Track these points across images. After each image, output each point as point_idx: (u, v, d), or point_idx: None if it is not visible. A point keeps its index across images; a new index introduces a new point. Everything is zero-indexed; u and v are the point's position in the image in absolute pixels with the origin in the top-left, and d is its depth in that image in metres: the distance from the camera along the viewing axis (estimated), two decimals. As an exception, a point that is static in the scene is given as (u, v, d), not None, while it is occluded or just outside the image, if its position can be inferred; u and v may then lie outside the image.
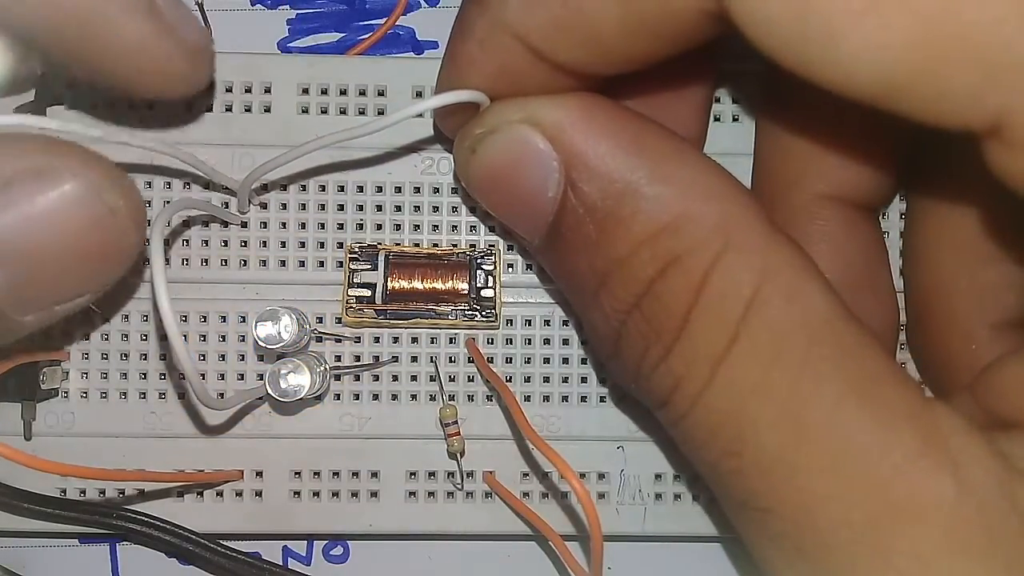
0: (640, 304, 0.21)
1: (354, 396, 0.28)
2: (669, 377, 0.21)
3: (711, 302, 0.20)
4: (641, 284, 0.21)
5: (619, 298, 0.22)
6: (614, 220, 0.21)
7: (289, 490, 0.28)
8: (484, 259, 0.28)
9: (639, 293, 0.21)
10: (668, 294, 0.21)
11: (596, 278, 0.22)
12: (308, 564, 0.31)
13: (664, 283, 0.21)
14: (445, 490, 0.28)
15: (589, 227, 0.22)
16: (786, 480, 0.20)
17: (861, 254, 0.26)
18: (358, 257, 0.28)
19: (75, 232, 0.20)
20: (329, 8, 0.33)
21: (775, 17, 0.18)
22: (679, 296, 0.21)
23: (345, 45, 0.33)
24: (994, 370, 0.23)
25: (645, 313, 0.21)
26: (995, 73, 0.17)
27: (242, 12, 0.33)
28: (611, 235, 0.21)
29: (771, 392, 0.20)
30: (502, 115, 0.22)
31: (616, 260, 0.21)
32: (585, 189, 0.22)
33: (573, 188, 0.22)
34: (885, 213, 0.29)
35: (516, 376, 0.28)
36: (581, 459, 0.28)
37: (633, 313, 0.21)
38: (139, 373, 0.28)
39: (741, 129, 0.29)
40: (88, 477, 0.26)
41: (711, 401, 0.21)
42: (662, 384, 0.22)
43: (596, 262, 0.22)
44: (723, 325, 0.20)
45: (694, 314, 0.20)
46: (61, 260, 0.21)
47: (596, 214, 0.21)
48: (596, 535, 0.21)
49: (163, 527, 0.28)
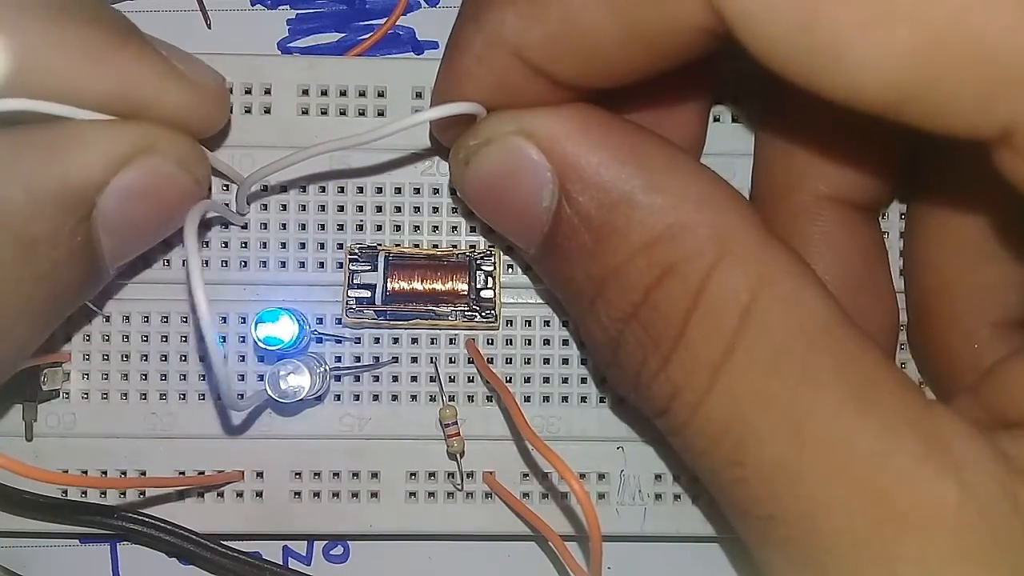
0: (637, 313, 0.21)
1: (354, 397, 0.28)
2: (668, 386, 0.21)
3: (708, 310, 0.20)
4: (638, 293, 0.21)
5: (616, 307, 0.22)
6: (609, 229, 0.21)
7: (289, 491, 0.28)
8: (484, 260, 0.28)
9: (636, 302, 0.21)
10: (665, 303, 0.21)
11: (592, 287, 0.22)
12: (308, 564, 0.31)
13: (661, 292, 0.21)
14: (445, 490, 0.28)
15: (584, 237, 0.22)
16: (788, 488, 0.20)
17: (861, 255, 0.26)
18: (358, 258, 0.28)
19: (170, 202, 0.23)
20: (329, 8, 0.33)
21: (780, 31, 0.18)
22: (676, 305, 0.21)
23: (345, 45, 0.33)
24: (997, 370, 0.23)
25: (642, 322, 0.21)
26: (1005, 81, 0.17)
27: (242, 12, 0.33)
28: (606, 244, 0.21)
29: (771, 400, 0.20)
30: (496, 127, 0.22)
31: (612, 269, 0.21)
32: (580, 199, 0.22)
33: (567, 198, 0.22)
34: (885, 213, 0.29)
35: (516, 377, 0.28)
36: (581, 460, 0.28)
37: (630, 322, 0.21)
38: (140, 374, 0.28)
39: (741, 129, 0.29)
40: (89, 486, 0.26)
41: (711, 410, 0.20)
42: (661, 393, 0.21)
43: (592, 271, 0.22)
44: (721, 333, 0.20)
45: (692, 323, 0.20)
46: (157, 226, 0.25)
47: (591, 224, 0.21)
48: (595, 536, 0.21)
49: (163, 527, 0.28)
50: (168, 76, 0.23)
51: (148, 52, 0.23)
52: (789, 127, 0.26)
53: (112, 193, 0.22)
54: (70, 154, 0.22)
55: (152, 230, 0.25)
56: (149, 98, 0.23)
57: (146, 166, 0.23)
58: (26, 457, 0.28)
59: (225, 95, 0.26)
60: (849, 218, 0.26)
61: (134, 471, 0.28)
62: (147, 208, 0.23)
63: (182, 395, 0.28)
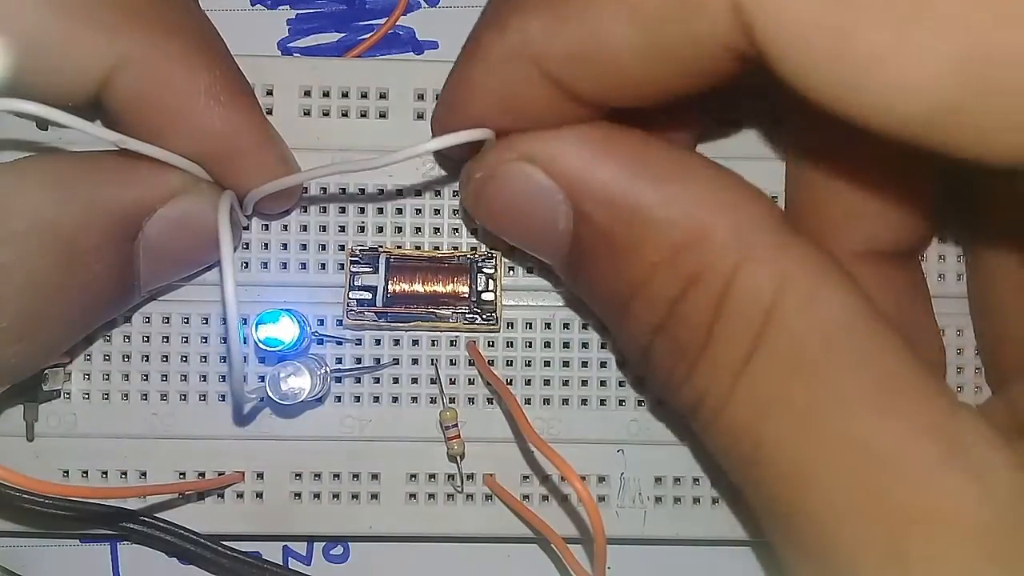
0: (665, 325, 0.21)
1: (355, 398, 0.28)
2: (694, 392, 0.21)
3: (732, 316, 0.20)
4: (663, 306, 0.21)
5: (643, 321, 0.22)
6: (627, 245, 0.21)
7: (290, 492, 0.28)
8: (485, 262, 0.28)
9: (663, 315, 0.21)
10: (690, 313, 0.21)
11: (619, 302, 0.22)
12: (308, 564, 0.31)
13: (685, 303, 0.21)
14: (445, 492, 0.28)
15: (605, 254, 0.22)
16: (805, 490, 0.20)
17: (901, 302, 0.26)
18: (359, 260, 0.28)
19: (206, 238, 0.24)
20: (329, 8, 0.33)
21: (811, 53, 0.17)
22: (701, 314, 0.21)
23: (345, 45, 0.33)
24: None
25: (670, 333, 0.21)
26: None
27: (242, 12, 0.33)
28: (628, 261, 0.21)
29: (789, 403, 0.20)
30: (499, 155, 0.22)
31: (637, 285, 0.21)
32: (593, 216, 0.21)
33: (582, 218, 0.22)
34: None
35: (516, 379, 0.28)
36: (581, 462, 0.28)
37: (659, 333, 0.21)
38: (141, 375, 0.28)
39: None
40: (90, 497, 0.26)
41: (733, 412, 0.21)
42: (688, 398, 0.22)
43: (618, 287, 0.22)
44: (743, 338, 0.20)
45: (716, 330, 0.20)
46: (191, 257, 0.27)
47: (610, 241, 0.21)
48: (599, 537, 0.22)
49: (163, 527, 0.28)
50: (269, 140, 0.25)
51: (260, 110, 0.26)
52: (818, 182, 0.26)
53: (158, 220, 0.24)
54: (128, 179, 0.24)
55: (186, 261, 0.27)
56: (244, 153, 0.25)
57: (191, 202, 0.24)
58: (27, 457, 0.28)
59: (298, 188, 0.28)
60: (886, 268, 0.26)
61: (135, 471, 0.28)
62: (186, 240, 0.25)
63: (183, 396, 0.28)
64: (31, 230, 0.22)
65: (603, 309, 0.24)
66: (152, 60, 0.23)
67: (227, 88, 0.24)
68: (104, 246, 0.23)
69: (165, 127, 0.24)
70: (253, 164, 0.24)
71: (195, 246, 0.26)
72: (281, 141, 0.26)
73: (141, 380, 0.28)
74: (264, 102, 0.28)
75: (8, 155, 0.26)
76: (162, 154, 0.24)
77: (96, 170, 0.24)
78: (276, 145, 0.26)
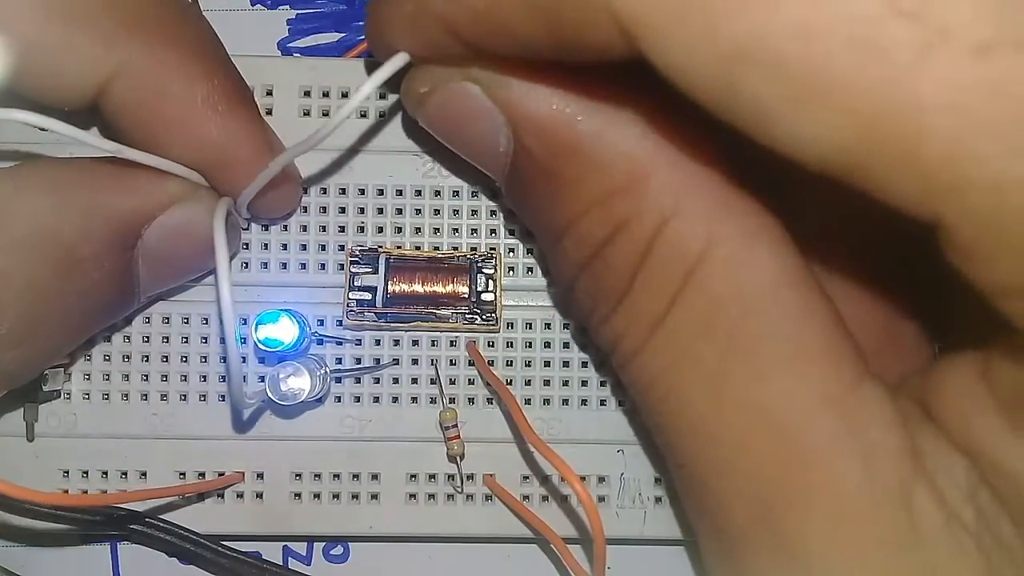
0: (590, 265, 0.21)
1: (355, 399, 0.28)
2: (612, 334, 0.22)
3: (654, 268, 0.20)
4: (591, 247, 0.21)
5: (572, 257, 0.22)
6: (564, 181, 0.21)
7: (290, 492, 0.28)
8: (485, 263, 0.28)
9: (589, 256, 0.21)
10: (616, 258, 0.21)
11: (552, 233, 0.22)
12: (308, 564, 0.31)
13: (612, 248, 0.21)
14: (445, 492, 0.28)
15: (542, 184, 0.22)
16: (700, 448, 0.20)
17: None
18: (359, 260, 0.28)
19: (205, 245, 0.24)
20: (329, 8, 0.33)
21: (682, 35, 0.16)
22: (625, 261, 0.21)
23: (345, 45, 0.33)
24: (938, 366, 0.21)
25: (595, 273, 0.21)
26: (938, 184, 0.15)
27: (242, 12, 0.33)
28: (561, 196, 0.21)
29: (700, 361, 0.20)
30: (443, 73, 0.22)
31: (568, 220, 0.21)
32: (532, 147, 0.21)
33: (520, 145, 0.21)
34: None
35: (516, 379, 0.28)
36: (581, 462, 0.28)
37: (584, 271, 0.22)
38: (141, 375, 0.28)
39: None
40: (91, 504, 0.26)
41: (644, 361, 0.21)
42: (606, 339, 0.22)
43: (552, 219, 0.22)
44: (663, 292, 0.20)
45: (638, 279, 0.21)
46: (190, 263, 0.27)
47: (547, 173, 0.21)
48: (599, 538, 0.22)
49: (164, 527, 0.28)
50: (267, 148, 0.25)
51: (259, 119, 0.26)
52: None
53: (157, 228, 0.24)
54: (127, 187, 0.24)
55: (185, 268, 0.27)
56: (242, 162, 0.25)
57: (190, 210, 0.25)
58: (27, 457, 0.28)
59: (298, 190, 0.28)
60: None
61: (135, 471, 0.28)
62: (185, 247, 0.25)
63: (183, 396, 0.28)
64: (31, 236, 0.22)
65: (537, 235, 0.24)
66: (149, 69, 0.23)
67: (225, 97, 0.24)
68: (103, 253, 0.23)
69: (162, 135, 0.24)
70: (251, 172, 0.24)
71: (194, 253, 0.26)
72: (280, 148, 0.26)
73: (141, 380, 0.28)
74: (264, 102, 0.28)
75: (8, 160, 0.26)
76: (159, 163, 0.24)
77: (96, 177, 0.24)
78: (274, 153, 0.26)
